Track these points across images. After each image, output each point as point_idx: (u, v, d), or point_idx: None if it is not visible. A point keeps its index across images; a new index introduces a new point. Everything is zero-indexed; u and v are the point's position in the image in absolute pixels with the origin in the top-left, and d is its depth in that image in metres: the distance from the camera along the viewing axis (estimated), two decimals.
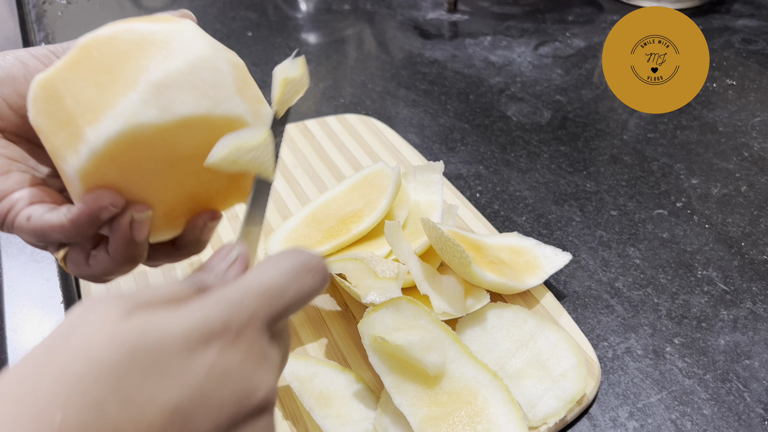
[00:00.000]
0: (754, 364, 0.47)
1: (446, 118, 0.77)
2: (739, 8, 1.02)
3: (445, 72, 0.87)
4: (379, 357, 0.41)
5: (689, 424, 0.44)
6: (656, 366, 0.47)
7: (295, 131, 0.71)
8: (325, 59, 0.90)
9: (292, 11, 1.05)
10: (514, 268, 0.50)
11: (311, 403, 0.42)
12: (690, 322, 0.51)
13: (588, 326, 0.50)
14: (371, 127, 0.71)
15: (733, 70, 0.86)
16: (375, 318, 0.42)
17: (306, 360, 0.44)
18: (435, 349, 0.41)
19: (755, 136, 0.73)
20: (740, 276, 0.55)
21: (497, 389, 0.41)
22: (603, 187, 0.65)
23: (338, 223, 0.54)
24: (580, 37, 0.95)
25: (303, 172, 0.65)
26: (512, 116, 0.77)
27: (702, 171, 0.68)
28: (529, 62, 0.89)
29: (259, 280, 0.24)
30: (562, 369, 0.44)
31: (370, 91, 0.82)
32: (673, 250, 0.58)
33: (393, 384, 0.41)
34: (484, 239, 0.52)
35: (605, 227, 0.60)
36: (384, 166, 0.56)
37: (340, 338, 0.48)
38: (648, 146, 0.71)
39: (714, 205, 0.63)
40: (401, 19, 1.01)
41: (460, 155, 0.70)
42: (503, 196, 0.64)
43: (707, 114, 0.77)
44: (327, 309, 0.50)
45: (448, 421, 0.39)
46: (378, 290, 0.44)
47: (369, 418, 0.41)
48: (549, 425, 0.42)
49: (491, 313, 0.47)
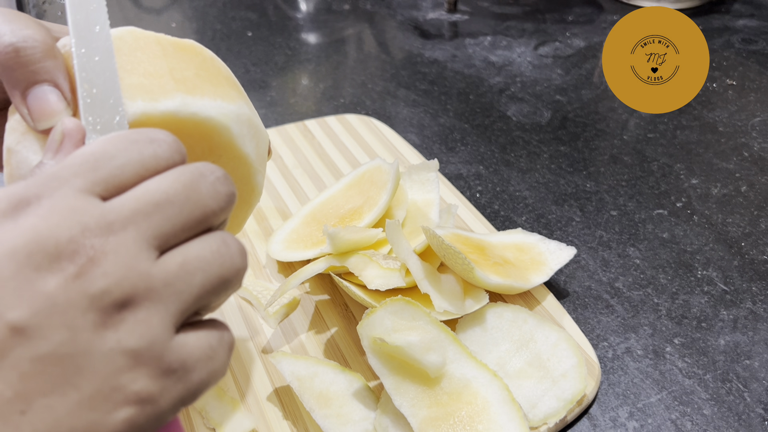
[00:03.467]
0: (754, 364, 0.47)
1: (446, 118, 0.77)
2: (739, 8, 1.02)
3: (445, 72, 0.87)
4: (379, 358, 0.41)
5: (689, 424, 0.44)
6: (656, 366, 0.47)
7: (295, 131, 0.71)
8: (325, 59, 0.90)
9: (292, 11, 1.04)
10: (519, 267, 0.50)
11: (311, 403, 0.42)
12: (690, 322, 0.51)
13: (588, 326, 0.50)
14: (371, 127, 0.71)
15: (733, 70, 0.86)
16: (374, 319, 0.42)
17: (306, 360, 0.44)
18: (434, 350, 0.41)
19: (755, 136, 0.73)
20: (740, 276, 0.55)
21: (497, 389, 0.41)
22: (603, 187, 0.65)
23: (338, 221, 0.54)
24: (580, 37, 0.95)
25: (303, 172, 0.65)
26: (512, 116, 0.77)
27: (702, 171, 0.68)
28: (529, 62, 0.89)
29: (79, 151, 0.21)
30: (563, 369, 0.43)
31: (370, 91, 0.82)
32: (673, 250, 0.58)
33: (393, 385, 0.41)
34: (488, 238, 0.52)
35: (605, 227, 0.60)
36: (381, 163, 0.56)
37: (340, 338, 0.48)
38: (648, 146, 0.71)
39: (714, 205, 0.63)
40: (401, 19, 1.01)
41: (460, 155, 0.70)
42: (503, 196, 0.64)
43: (707, 114, 0.77)
44: (327, 309, 0.50)
45: (448, 422, 0.39)
46: (383, 279, 0.44)
47: (369, 418, 0.41)
48: (549, 425, 0.42)
49: (491, 313, 0.47)
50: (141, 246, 0.20)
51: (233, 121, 0.31)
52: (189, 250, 0.21)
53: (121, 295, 0.19)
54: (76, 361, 0.18)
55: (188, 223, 0.21)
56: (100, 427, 0.18)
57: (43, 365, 0.18)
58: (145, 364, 0.19)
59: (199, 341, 0.21)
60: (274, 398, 0.44)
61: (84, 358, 0.18)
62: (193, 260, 0.21)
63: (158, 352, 0.20)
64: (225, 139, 0.31)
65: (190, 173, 0.22)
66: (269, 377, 0.45)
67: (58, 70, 0.28)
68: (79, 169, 0.20)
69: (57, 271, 0.18)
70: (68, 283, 0.18)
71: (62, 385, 0.18)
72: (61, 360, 0.18)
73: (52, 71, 0.28)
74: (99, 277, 0.19)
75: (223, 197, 0.22)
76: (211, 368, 0.21)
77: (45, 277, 0.18)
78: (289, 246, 0.53)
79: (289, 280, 0.46)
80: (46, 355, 0.18)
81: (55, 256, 0.18)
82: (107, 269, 0.19)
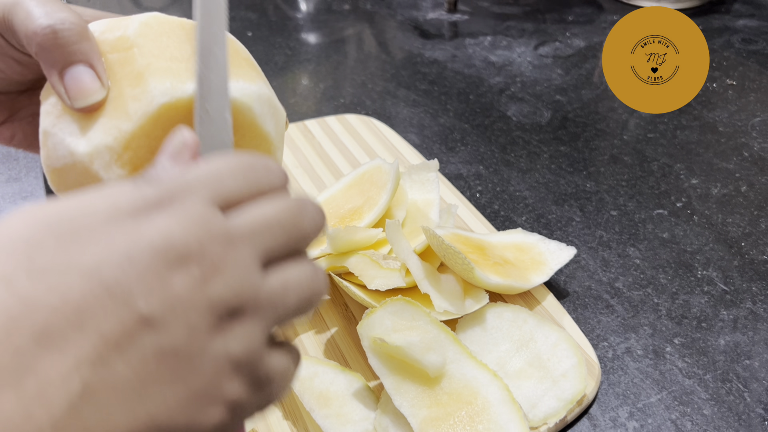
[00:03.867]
0: (754, 364, 0.47)
1: (446, 118, 0.77)
2: (739, 8, 1.02)
3: (445, 72, 0.87)
4: (379, 358, 0.41)
5: (689, 424, 0.44)
6: (656, 366, 0.47)
7: (295, 131, 0.71)
8: (325, 59, 0.90)
9: (292, 11, 1.04)
10: (520, 267, 0.50)
11: (311, 403, 0.42)
12: (690, 322, 0.51)
13: (588, 326, 0.50)
14: (371, 127, 0.71)
15: (733, 70, 0.86)
16: (374, 319, 0.42)
17: (306, 360, 0.44)
18: (434, 350, 0.41)
19: (755, 136, 0.73)
20: (740, 276, 0.55)
21: (497, 389, 0.41)
22: (603, 187, 0.65)
23: (338, 221, 0.54)
24: (580, 37, 0.95)
25: (303, 172, 0.65)
26: (512, 116, 0.77)
27: (702, 171, 0.68)
28: (529, 62, 0.89)
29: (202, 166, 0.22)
30: (563, 369, 0.43)
31: (370, 91, 0.82)
32: (673, 250, 0.58)
33: (393, 385, 0.41)
34: (488, 238, 0.52)
35: (605, 227, 0.60)
36: (381, 163, 0.56)
37: (340, 338, 0.48)
38: (648, 146, 0.71)
39: (714, 205, 0.63)
40: (401, 19, 1.01)
41: (460, 155, 0.70)
42: (503, 196, 0.64)
43: (707, 114, 0.77)
44: (327, 309, 0.50)
45: (448, 422, 0.39)
46: (383, 278, 0.44)
47: (369, 418, 0.41)
48: (549, 425, 0.42)
49: (491, 313, 0.47)
50: (255, 261, 0.21)
51: (255, 101, 0.32)
52: (290, 272, 0.23)
53: (235, 305, 0.20)
54: (191, 359, 0.19)
55: (291, 247, 0.23)
56: (196, 424, 0.20)
57: (164, 357, 0.19)
58: (244, 373, 0.21)
59: (282, 359, 0.23)
60: None
61: (197, 358, 0.20)
62: (292, 282, 0.23)
63: (255, 364, 0.21)
64: (248, 118, 0.32)
65: (297, 203, 0.24)
66: None
67: (93, 51, 0.30)
68: (208, 182, 0.22)
69: (185, 272, 0.20)
70: (193, 285, 0.20)
71: (175, 379, 0.19)
72: (178, 355, 0.19)
73: (88, 53, 0.29)
74: (220, 284, 0.20)
75: (318, 226, 0.24)
76: (284, 385, 0.23)
77: (174, 276, 0.19)
78: None
79: None
80: (168, 348, 0.19)
81: (185, 257, 0.20)
82: (227, 278, 0.20)
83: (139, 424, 0.18)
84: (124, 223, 0.19)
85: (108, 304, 0.18)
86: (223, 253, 0.20)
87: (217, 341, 0.20)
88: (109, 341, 0.18)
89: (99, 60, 0.30)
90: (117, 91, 0.30)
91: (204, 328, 0.20)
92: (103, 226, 0.19)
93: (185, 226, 0.20)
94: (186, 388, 0.19)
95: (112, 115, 0.29)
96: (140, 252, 0.19)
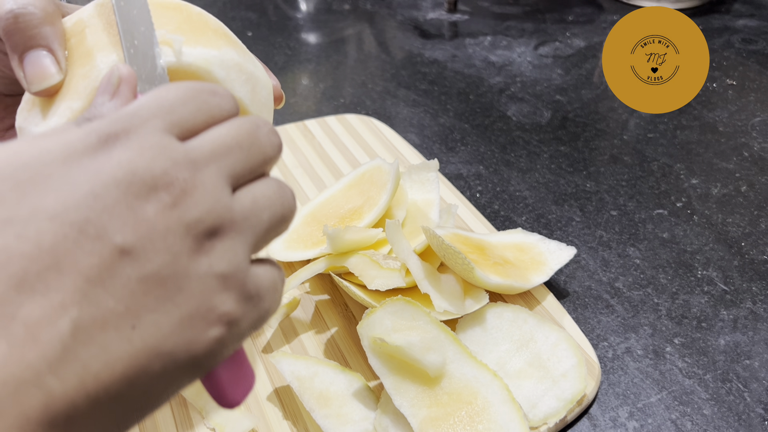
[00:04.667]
0: (754, 364, 0.47)
1: (446, 118, 0.77)
2: (739, 8, 1.02)
3: (445, 72, 0.87)
4: (379, 358, 0.41)
5: (689, 424, 0.44)
6: (656, 366, 0.47)
7: (295, 131, 0.71)
8: (325, 59, 0.90)
9: (292, 11, 1.05)
10: (520, 267, 0.50)
11: (311, 403, 0.42)
12: (690, 322, 0.51)
13: (588, 326, 0.50)
14: (371, 127, 0.71)
15: (733, 70, 0.86)
16: (374, 319, 0.42)
17: (306, 360, 0.44)
18: (434, 350, 0.41)
19: (755, 136, 0.73)
20: (740, 276, 0.55)
21: (498, 389, 0.41)
22: (603, 187, 0.65)
23: (338, 221, 0.54)
24: (580, 37, 0.95)
25: (303, 172, 0.65)
26: (512, 116, 0.77)
27: (702, 171, 0.68)
28: (529, 62, 0.89)
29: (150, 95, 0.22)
30: (563, 369, 0.43)
31: (370, 91, 0.82)
32: (673, 250, 0.58)
33: (393, 385, 0.41)
34: (488, 238, 0.52)
35: (605, 227, 0.60)
36: (381, 163, 0.56)
37: (340, 338, 0.48)
38: (648, 146, 0.71)
39: (714, 205, 0.63)
40: (401, 19, 1.01)
41: (460, 155, 0.70)
42: (503, 196, 0.64)
43: (707, 114, 0.77)
44: (327, 309, 0.50)
45: (448, 422, 0.39)
46: (383, 279, 0.44)
47: (369, 418, 0.41)
48: (549, 425, 0.42)
49: (491, 313, 0.47)
50: (222, 182, 0.22)
51: (215, 65, 0.32)
52: (256, 189, 0.23)
53: (211, 224, 0.21)
54: (177, 282, 0.20)
55: (252, 167, 0.23)
56: (196, 344, 0.20)
57: (149, 285, 0.19)
58: (232, 288, 0.21)
59: (267, 273, 0.23)
60: (274, 398, 0.44)
61: (183, 280, 0.20)
62: (261, 198, 0.23)
63: (242, 278, 0.21)
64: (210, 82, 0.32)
65: (250, 123, 0.24)
66: (269, 377, 0.45)
67: (54, 36, 0.30)
68: (158, 111, 0.22)
69: (155, 200, 0.20)
70: (166, 211, 0.20)
71: (165, 304, 0.19)
72: (164, 281, 0.19)
73: (48, 37, 0.29)
74: (192, 206, 0.20)
75: (276, 146, 0.24)
76: (274, 299, 0.23)
77: (144, 205, 0.19)
78: (289, 246, 0.53)
79: (289, 280, 0.46)
80: (151, 275, 0.19)
81: (152, 187, 0.20)
82: (198, 200, 0.20)
83: (139, 353, 0.18)
84: (81, 162, 0.19)
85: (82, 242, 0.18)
86: (190, 176, 0.20)
87: (201, 261, 0.20)
88: (90, 278, 0.18)
89: (59, 44, 0.30)
90: (71, 74, 0.30)
91: (185, 251, 0.20)
92: (60, 167, 0.19)
93: (146, 155, 0.20)
94: (178, 310, 0.19)
95: (65, 97, 0.30)
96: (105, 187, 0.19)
